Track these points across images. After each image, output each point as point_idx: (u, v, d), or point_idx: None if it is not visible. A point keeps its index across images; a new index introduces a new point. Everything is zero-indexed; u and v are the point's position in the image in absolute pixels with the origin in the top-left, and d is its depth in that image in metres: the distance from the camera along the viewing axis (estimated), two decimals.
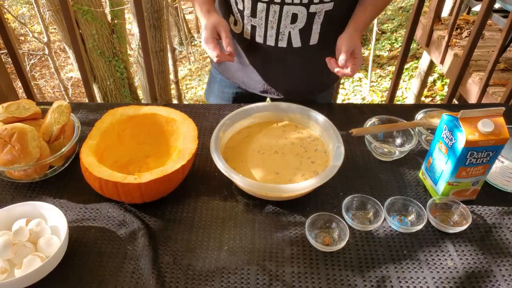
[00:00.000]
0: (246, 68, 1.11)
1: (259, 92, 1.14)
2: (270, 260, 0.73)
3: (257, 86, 1.14)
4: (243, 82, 1.15)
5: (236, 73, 1.15)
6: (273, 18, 0.96)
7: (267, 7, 0.94)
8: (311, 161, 0.88)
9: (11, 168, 0.81)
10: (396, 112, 1.09)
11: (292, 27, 0.97)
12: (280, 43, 1.01)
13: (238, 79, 1.16)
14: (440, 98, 5.16)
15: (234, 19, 1.03)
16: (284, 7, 0.93)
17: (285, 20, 0.96)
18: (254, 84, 1.14)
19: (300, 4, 0.92)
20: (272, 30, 0.98)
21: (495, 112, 0.75)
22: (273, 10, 0.94)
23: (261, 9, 0.95)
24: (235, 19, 1.03)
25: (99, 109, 1.14)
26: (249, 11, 0.97)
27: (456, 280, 0.70)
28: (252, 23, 0.99)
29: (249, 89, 1.16)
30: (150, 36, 4.25)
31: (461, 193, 0.83)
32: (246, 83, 1.15)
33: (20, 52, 1.87)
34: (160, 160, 0.91)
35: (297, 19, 0.95)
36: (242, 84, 1.16)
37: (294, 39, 0.99)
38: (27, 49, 8.54)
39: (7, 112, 0.89)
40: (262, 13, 0.96)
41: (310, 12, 0.94)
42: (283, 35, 0.99)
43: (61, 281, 0.70)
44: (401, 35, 6.87)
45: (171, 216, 0.82)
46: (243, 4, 0.96)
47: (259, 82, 1.12)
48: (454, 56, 2.49)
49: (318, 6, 0.93)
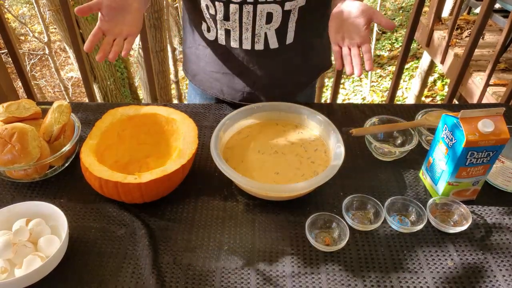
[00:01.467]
0: (223, 76, 1.07)
1: (238, 101, 1.09)
2: (270, 260, 0.73)
3: (236, 96, 1.09)
4: (222, 92, 1.10)
5: (213, 83, 1.10)
6: (247, 20, 0.92)
7: (240, 7, 0.90)
8: (311, 161, 0.88)
9: (11, 168, 0.81)
10: (396, 112, 1.09)
11: (268, 27, 0.94)
12: (256, 46, 0.97)
13: (216, 89, 1.11)
14: (441, 98, 5.16)
15: (206, 25, 0.99)
16: (258, 6, 0.90)
17: (260, 21, 0.92)
18: (234, 94, 1.09)
19: (274, 2, 0.89)
20: (247, 33, 0.95)
21: (496, 112, 0.75)
22: (247, 10, 0.91)
23: (234, 11, 0.91)
24: (208, 26, 0.99)
25: (99, 109, 1.14)
26: (221, 15, 0.93)
27: (456, 280, 0.70)
28: (226, 27, 0.95)
29: (227, 99, 1.11)
30: (151, 36, 4.25)
31: (461, 193, 0.83)
32: (224, 92, 1.10)
33: (21, 52, 1.87)
34: (160, 160, 0.91)
35: (272, 18, 0.92)
36: (220, 94, 1.11)
37: (271, 40, 0.97)
38: (28, 49, 8.55)
39: (7, 112, 0.89)
40: (235, 15, 0.92)
41: (285, 10, 0.91)
42: (259, 36, 0.96)
43: (61, 281, 0.70)
44: (402, 35, 6.87)
45: (171, 216, 0.82)
46: (215, 8, 0.93)
47: (238, 91, 1.08)
48: (455, 56, 2.49)
49: (292, 3, 0.90)
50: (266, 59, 1.01)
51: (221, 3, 0.91)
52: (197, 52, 1.08)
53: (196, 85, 1.16)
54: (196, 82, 1.15)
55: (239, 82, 1.06)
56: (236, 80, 1.06)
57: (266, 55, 0.99)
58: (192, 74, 1.14)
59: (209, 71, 1.08)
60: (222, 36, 0.98)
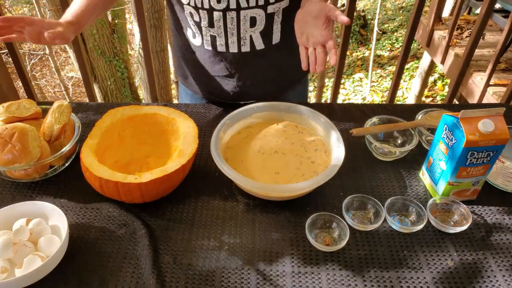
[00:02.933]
0: (213, 79, 1.08)
1: (230, 100, 1.10)
2: (270, 260, 0.73)
3: (227, 96, 1.10)
4: (212, 93, 1.12)
5: (203, 85, 1.12)
6: (231, 25, 0.94)
7: (223, 15, 0.92)
8: (311, 161, 0.88)
9: (11, 168, 0.81)
10: (396, 112, 1.09)
11: (253, 30, 0.95)
12: (243, 48, 0.98)
13: (206, 91, 1.13)
14: (441, 98, 5.16)
15: (192, 32, 1.00)
16: (240, 12, 0.91)
17: (244, 25, 0.93)
18: (224, 94, 1.10)
19: (256, 6, 0.90)
20: (233, 37, 0.96)
21: (496, 112, 0.75)
22: (230, 17, 0.92)
23: (218, 18, 0.93)
24: (193, 32, 1.00)
25: (100, 109, 1.14)
26: (206, 22, 0.94)
27: (456, 280, 0.70)
28: (211, 33, 0.97)
29: (218, 98, 1.12)
30: (151, 36, 4.25)
31: (462, 193, 0.83)
32: (215, 93, 1.11)
33: (21, 52, 1.88)
34: (161, 160, 0.91)
35: (256, 22, 0.93)
36: (211, 96, 1.13)
37: (257, 42, 0.98)
38: (28, 48, 8.54)
39: (7, 112, 0.89)
40: (219, 22, 0.93)
41: (268, 13, 0.92)
42: (245, 40, 0.97)
43: (61, 281, 0.70)
44: (402, 35, 6.87)
45: (172, 215, 0.82)
46: (199, 15, 0.94)
47: (229, 92, 1.09)
48: (455, 56, 2.49)
49: (275, 6, 0.91)
50: (254, 60, 1.02)
51: (205, 11, 0.92)
52: (185, 56, 1.09)
53: (187, 87, 1.17)
54: (187, 84, 1.17)
55: (229, 83, 1.07)
56: (226, 82, 1.07)
57: (253, 56, 1.01)
58: (183, 77, 1.16)
59: (198, 73, 1.10)
60: (208, 42, 0.99)
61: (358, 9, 7.55)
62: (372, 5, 8.05)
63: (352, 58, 7.16)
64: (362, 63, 6.95)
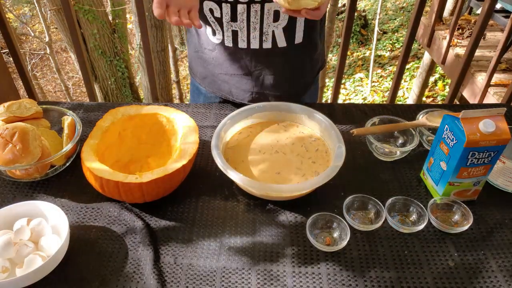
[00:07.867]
0: (232, 78, 1.07)
1: (247, 101, 1.09)
2: (270, 260, 0.73)
3: (245, 96, 1.09)
4: (230, 93, 1.11)
5: (222, 85, 1.10)
6: (255, 19, 0.93)
7: (248, 7, 0.91)
8: (312, 161, 0.88)
9: (12, 168, 0.81)
10: (397, 112, 1.09)
11: (275, 25, 0.94)
12: (265, 45, 0.98)
13: (225, 91, 1.11)
14: (441, 98, 5.16)
15: (211, 29, 0.99)
16: (265, 5, 0.91)
17: (268, 19, 0.93)
18: (243, 94, 1.09)
19: None
20: (255, 32, 0.95)
21: (497, 112, 0.75)
22: (254, 9, 0.91)
23: (242, 11, 0.92)
24: (213, 29, 0.99)
25: (100, 108, 1.14)
26: (228, 17, 0.94)
27: (457, 280, 0.70)
28: (233, 28, 0.96)
29: (236, 100, 1.11)
30: (151, 36, 4.25)
31: (462, 194, 0.83)
32: (233, 94, 1.10)
33: (22, 52, 1.88)
34: (161, 160, 0.91)
35: (279, 16, 0.93)
36: (229, 95, 1.12)
37: (279, 38, 0.97)
38: (29, 48, 8.55)
39: (8, 112, 0.89)
40: (243, 15, 0.93)
41: None
42: (267, 35, 0.96)
43: (62, 281, 0.70)
44: (402, 35, 6.86)
45: (172, 215, 0.82)
46: (221, 10, 0.93)
47: (247, 91, 1.08)
48: (456, 56, 2.49)
49: None
50: (275, 58, 1.02)
51: (228, 4, 0.91)
52: (204, 56, 1.08)
53: (205, 87, 1.16)
54: (205, 85, 1.15)
55: (248, 83, 1.07)
56: (245, 81, 1.07)
57: (274, 54, 1.00)
58: (201, 77, 1.14)
59: (217, 73, 1.08)
60: (229, 38, 0.98)
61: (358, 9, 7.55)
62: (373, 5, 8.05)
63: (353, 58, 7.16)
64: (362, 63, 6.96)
